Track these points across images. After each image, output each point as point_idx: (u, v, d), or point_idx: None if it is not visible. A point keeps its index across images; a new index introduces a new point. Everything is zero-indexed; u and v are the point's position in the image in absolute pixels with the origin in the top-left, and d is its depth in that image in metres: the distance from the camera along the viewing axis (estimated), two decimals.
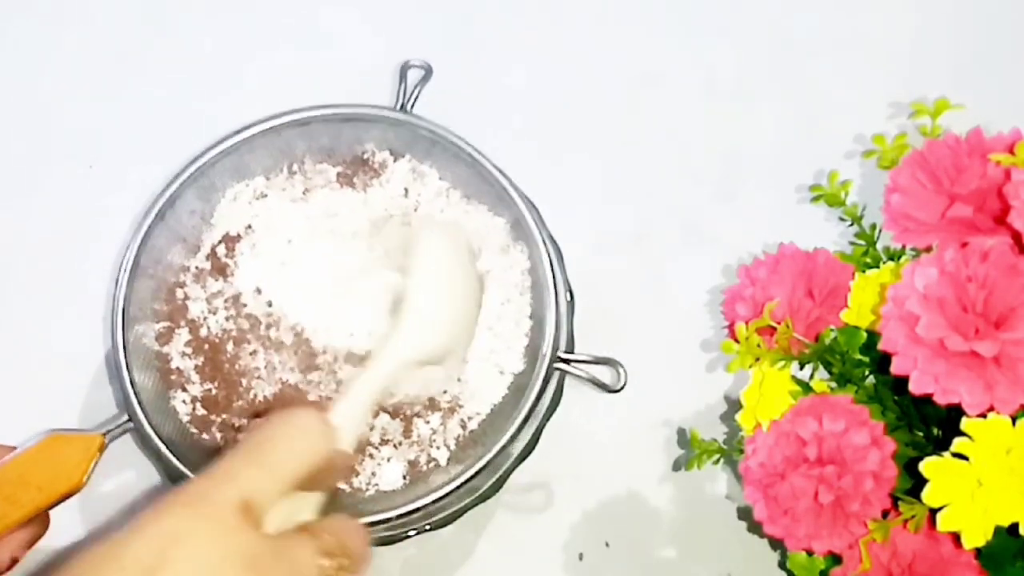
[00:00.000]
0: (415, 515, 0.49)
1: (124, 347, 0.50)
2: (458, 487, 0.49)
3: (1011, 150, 0.41)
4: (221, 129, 0.54)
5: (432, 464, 0.53)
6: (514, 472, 0.53)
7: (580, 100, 0.63)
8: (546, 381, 0.51)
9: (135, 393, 0.50)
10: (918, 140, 0.44)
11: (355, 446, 0.43)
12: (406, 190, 0.56)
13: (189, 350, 0.54)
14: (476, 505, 0.52)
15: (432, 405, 0.53)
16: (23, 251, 0.60)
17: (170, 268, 0.55)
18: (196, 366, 0.53)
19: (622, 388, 0.50)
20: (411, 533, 0.52)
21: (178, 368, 0.53)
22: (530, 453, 0.53)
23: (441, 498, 0.49)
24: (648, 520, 0.55)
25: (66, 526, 0.52)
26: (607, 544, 0.55)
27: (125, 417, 0.49)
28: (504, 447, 0.50)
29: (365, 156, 0.56)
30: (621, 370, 0.50)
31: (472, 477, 0.49)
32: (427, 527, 0.52)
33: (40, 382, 0.57)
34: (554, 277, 0.52)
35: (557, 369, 0.51)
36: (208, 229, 0.55)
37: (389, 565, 0.55)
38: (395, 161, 0.57)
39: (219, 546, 0.32)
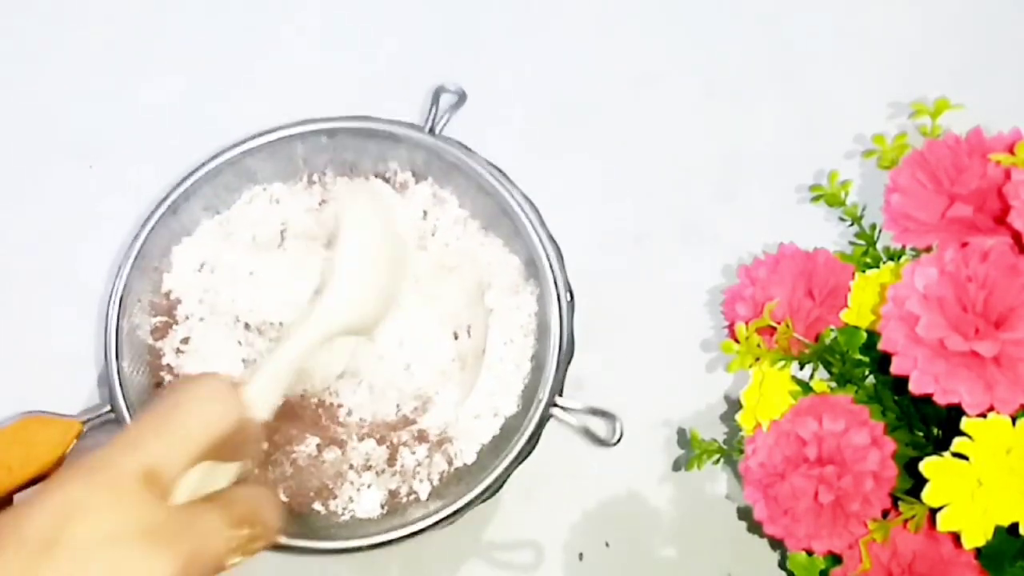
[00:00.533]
0: (385, 547, 0.49)
1: (116, 336, 0.50)
2: (434, 524, 0.49)
3: (1011, 150, 0.41)
4: (226, 131, 0.54)
5: (412, 497, 0.52)
6: (514, 472, 0.53)
7: (580, 100, 0.63)
8: (538, 428, 0.50)
9: (120, 384, 0.49)
10: (918, 140, 0.44)
11: (270, 416, 0.42)
12: (425, 212, 0.56)
13: (185, 347, 0.53)
14: (476, 505, 0.52)
15: (421, 436, 0.52)
16: (23, 250, 0.60)
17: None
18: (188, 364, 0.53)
19: (616, 443, 0.49)
20: (411, 533, 0.52)
21: (169, 364, 0.53)
22: (530, 453, 0.53)
23: (415, 533, 0.48)
24: (648, 520, 0.55)
25: None
26: (607, 544, 0.55)
27: (107, 407, 0.49)
28: (486, 490, 0.49)
29: (388, 176, 0.56)
30: (617, 424, 0.49)
31: (449, 516, 0.49)
32: (427, 527, 0.52)
33: (38, 376, 0.57)
34: (561, 322, 0.51)
35: (551, 416, 0.50)
36: (218, 227, 0.55)
37: (389, 565, 0.55)
38: (416, 183, 0.56)
39: (120, 516, 0.31)
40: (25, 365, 0.57)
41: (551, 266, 0.52)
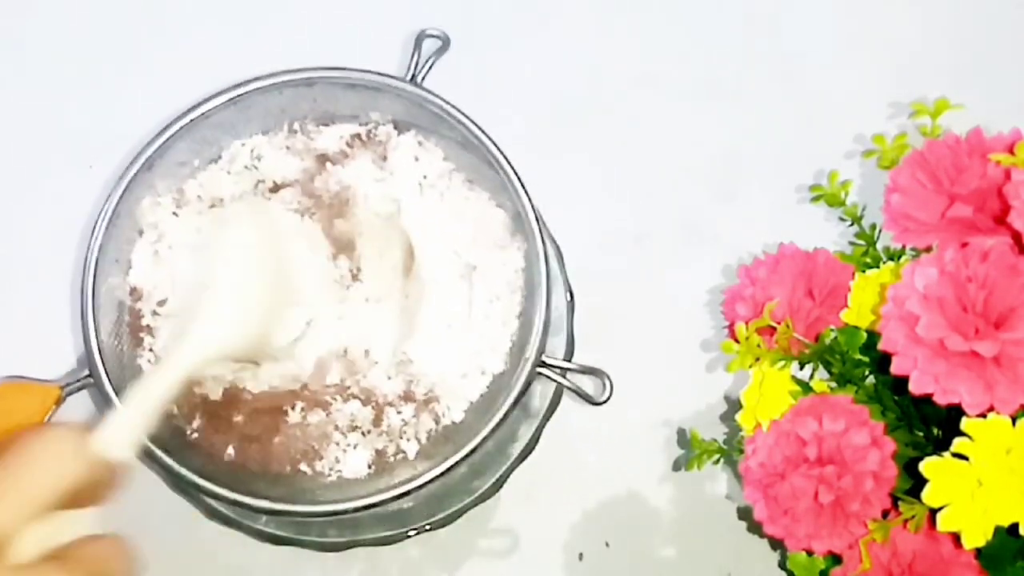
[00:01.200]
0: (374, 508, 0.48)
1: (93, 299, 0.49)
2: (422, 485, 0.48)
3: (1011, 150, 0.41)
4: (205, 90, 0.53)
5: (400, 456, 0.51)
6: (514, 472, 0.53)
7: (580, 100, 0.63)
8: (526, 385, 0.49)
9: (99, 349, 0.48)
10: (918, 140, 0.44)
11: (136, 451, 0.40)
12: (416, 158, 0.54)
13: (161, 309, 0.52)
14: (476, 505, 0.52)
15: (407, 396, 0.51)
16: (23, 250, 0.60)
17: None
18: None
19: (606, 401, 0.48)
20: (411, 533, 0.52)
21: (148, 326, 0.51)
22: (530, 453, 0.53)
23: (404, 494, 0.47)
24: (648, 520, 0.55)
25: None
26: (607, 544, 0.55)
27: (85, 372, 0.48)
28: (475, 449, 0.48)
29: (369, 129, 0.54)
30: (607, 381, 0.48)
31: (439, 476, 0.47)
32: (427, 527, 0.52)
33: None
34: (547, 278, 0.49)
35: (540, 375, 0.49)
36: (197, 186, 0.53)
37: (389, 565, 0.55)
38: (400, 135, 0.54)
39: None
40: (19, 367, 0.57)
41: (537, 218, 0.50)
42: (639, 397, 0.55)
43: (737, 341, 0.45)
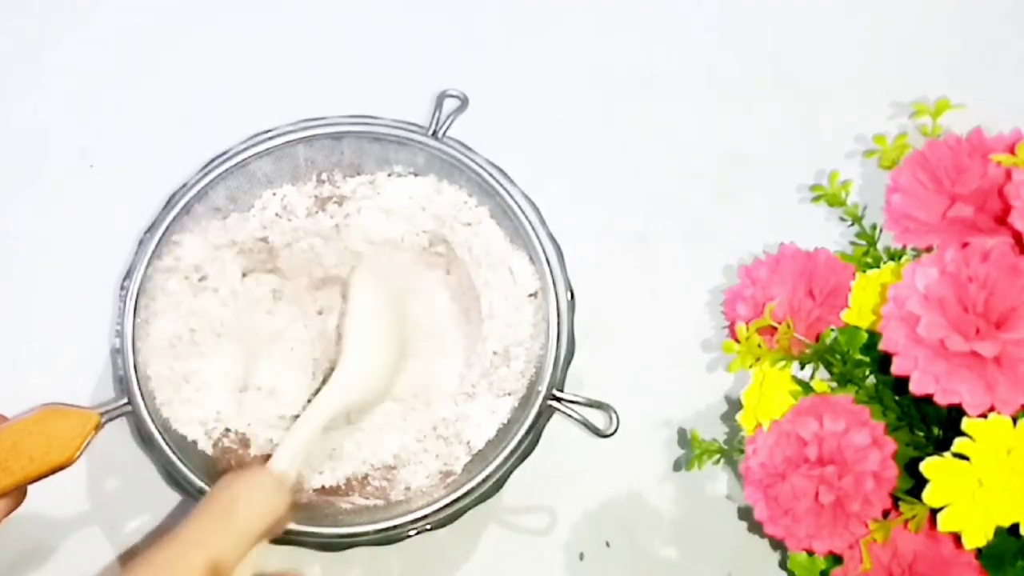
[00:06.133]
0: (378, 535, 0.50)
1: (133, 332, 0.51)
2: (438, 511, 0.50)
3: (1012, 150, 0.41)
4: (228, 130, 0.54)
5: (416, 486, 0.53)
6: (514, 472, 0.53)
7: (581, 100, 0.63)
8: (537, 420, 0.51)
9: (136, 378, 0.50)
10: (919, 140, 0.44)
11: (295, 489, 0.45)
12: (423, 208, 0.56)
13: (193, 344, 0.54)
14: (476, 505, 0.52)
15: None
16: (27, 248, 0.59)
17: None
18: None
19: (613, 433, 0.50)
20: (411, 533, 0.52)
21: (179, 362, 0.53)
22: (530, 453, 0.53)
23: (421, 519, 0.50)
24: (648, 520, 0.55)
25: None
26: (607, 544, 0.55)
27: (124, 400, 0.50)
28: (487, 479, 0.51)
29: (390, 176, 0.57)
30: (613, 415, 0.50)
31: (452, 503, 0.50)
32: (427, 527, 0.52)
33: (49, 367, 0.57)
34: (559, 319, 0.52)
35: (550, 408, 0.51)
36: (228, 231, 0.55)
37: (389, 565, 0.55)
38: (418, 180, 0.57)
39: None
40: (35, 358, 0.57)
41: (550, 266, 0.53)
42: (640, 397, 0.55)
43: (738, 341, 0.45)
